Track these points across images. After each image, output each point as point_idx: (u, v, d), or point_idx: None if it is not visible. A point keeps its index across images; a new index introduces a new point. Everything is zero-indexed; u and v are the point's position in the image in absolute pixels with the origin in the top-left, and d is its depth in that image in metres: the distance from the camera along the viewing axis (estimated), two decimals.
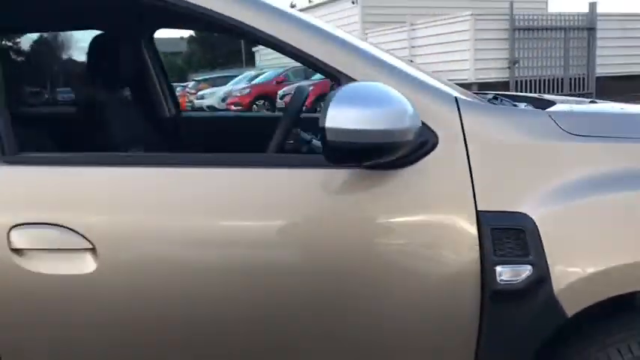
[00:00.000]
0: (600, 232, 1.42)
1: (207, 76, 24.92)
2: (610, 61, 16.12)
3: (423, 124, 1.40)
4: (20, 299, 1.45)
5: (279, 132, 1.82)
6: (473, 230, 1.40)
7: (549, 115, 1.54)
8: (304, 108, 2.11)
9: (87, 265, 1.43)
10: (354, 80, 1.43)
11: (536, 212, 1.39)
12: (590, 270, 1.39)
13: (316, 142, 1.94)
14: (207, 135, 2.64)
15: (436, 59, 15.20)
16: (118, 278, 1.44)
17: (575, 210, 1.41)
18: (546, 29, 15.71)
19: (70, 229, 1.42)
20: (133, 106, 2.74)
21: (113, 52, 2.45)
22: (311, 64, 1.52)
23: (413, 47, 16.89)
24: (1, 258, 1.42)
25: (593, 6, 16.29)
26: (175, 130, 2.81)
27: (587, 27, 16.02)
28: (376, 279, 1.45)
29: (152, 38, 2.81)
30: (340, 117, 1.28)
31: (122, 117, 2.49)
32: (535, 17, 15.70)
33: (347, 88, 1.33)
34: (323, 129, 1.28)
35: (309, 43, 1.52)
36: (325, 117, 1.28)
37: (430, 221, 1.44)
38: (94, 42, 2.51)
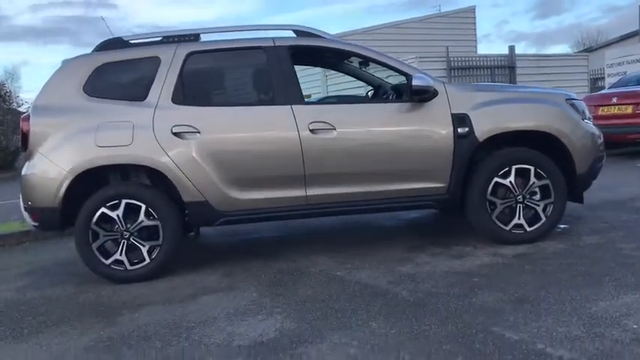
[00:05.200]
0: (490, 116, 4.59)
1: None
2: None
3: (435, 88, 4.59)
4: (313, 150, 4.43)
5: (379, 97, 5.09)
6: (449, 118, 4.56)
7: (470, 85, 4.81)
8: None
9: (333, 133, 4.50)
10: (411, 75, 4.60)
11: (468, 112, 4.57)
12: (485, 128, 4.55)
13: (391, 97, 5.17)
14: None
15: None
16: (343, 140, 4.50)
17: (479, 111, 4.59)
18: (476, 68, 19.58)
19: (327, 122, 4.51)
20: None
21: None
22: (397, 71, 4.71)
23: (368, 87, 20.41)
24: (308, 135, 4.44)
25: (512, 49, 20.37)
26: None
27: (508, 65, 20.01)
28: (418, 139, 4.57)
29: None
30: (416, 82, 4.44)
31: None
32: (467, 59, 19.57)
33: (417, 75, 4.47)
34: (411, 85, 4.44)
35: (395, 63, 4.72)
36: (412, 82, 4.43)
37: (437, 116, 4.58)
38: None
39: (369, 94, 6.27)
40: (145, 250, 4.44)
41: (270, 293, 3.89)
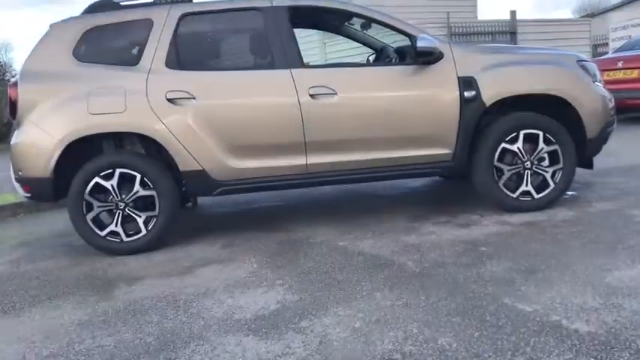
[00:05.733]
0: (498, 78, 4.40)
1: None
2: None
3: (440, 49, 4.38)
4: (313, 116, 4.24)
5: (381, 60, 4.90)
6: (455, 81, 4.37)
7: (477, 47, 4.61)
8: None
9: (334, 98, 4.32)
10: (415, 36, 4.40)
11: (475, 74, 4.38)
12: (492, 91, 4.40)
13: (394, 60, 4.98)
14: None
15: None
16: (344, 105, 4.31)
17: (487, 73, 4.40)
18: (477, 34, 19.27)
19: (328, 87, 4.32)
20: None
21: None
22: (400, 32, 4.50)
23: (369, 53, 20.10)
24: (307, 100, 4.26)
25: (513, 14, 20.01)
26: None
27: (509, 31, 19.67)
28: (422, 104, 4.39)
29: None
30: (421, 43, 4.23)
31: None
32: (468, 24, 19.23)
33: (422, 36, 4.27)
34: (415, 47, 4.23)
35: (399, 24, 4.50)
36: (416, 44, 4.24)
37: (442, 79, 4.38)
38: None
39: (370, 58, 6.07)
40: (141, 221, 4.30)
41: (271, 265, 3.76)
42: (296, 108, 4.27)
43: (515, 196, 4.49)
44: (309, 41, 20.09)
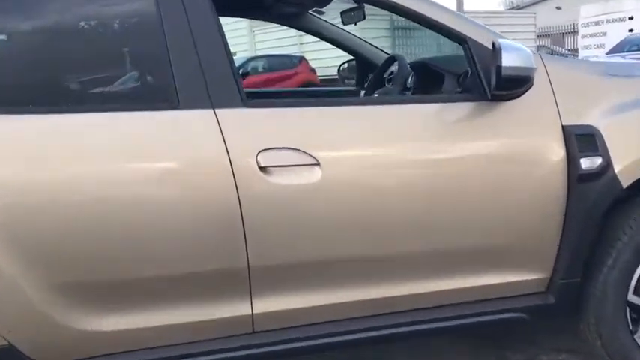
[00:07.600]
0: (634, 134, 2.18)
1: None
2: None
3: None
4: (267, 214, 1.89)
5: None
6: (559, 136, 2.07)
7: (591, 64, 2.33)
8: None
9: (313, 174, 1.92)
10: (486, 46, 2.06)
11: (597, 123, 2.13)
12: (632, 158, 2.14)
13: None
14: None
15: (325, 55, 16.13)
16: (336, 188, 1.94)
17: (621, 119, 2.16)
18: (421, 28, 17.52)
19: (300, 150, 1.94)
20: None
21: None
22: (444, 32, 2.17)
23: (302, 44, 17.84)
24: (254, 177, 1.86)
25: (460, 3, 18.52)
26: None
27: None
28: (490, 184, 2.07)
29: None
30: (510, 61, 1.90)
31: None
32: None
33: (506, 44, 1.93)
34: (499, 68, 1.89)
35: (439, 14, 2.17)
36: (500, 62, 1.89)
37: (533, 132, 2.09)
38: None
39: (344, 67, 3.75)
40: None
41: None
42: (228, 195, 1.87)
43: None
44: (234, 28, 17.44)
